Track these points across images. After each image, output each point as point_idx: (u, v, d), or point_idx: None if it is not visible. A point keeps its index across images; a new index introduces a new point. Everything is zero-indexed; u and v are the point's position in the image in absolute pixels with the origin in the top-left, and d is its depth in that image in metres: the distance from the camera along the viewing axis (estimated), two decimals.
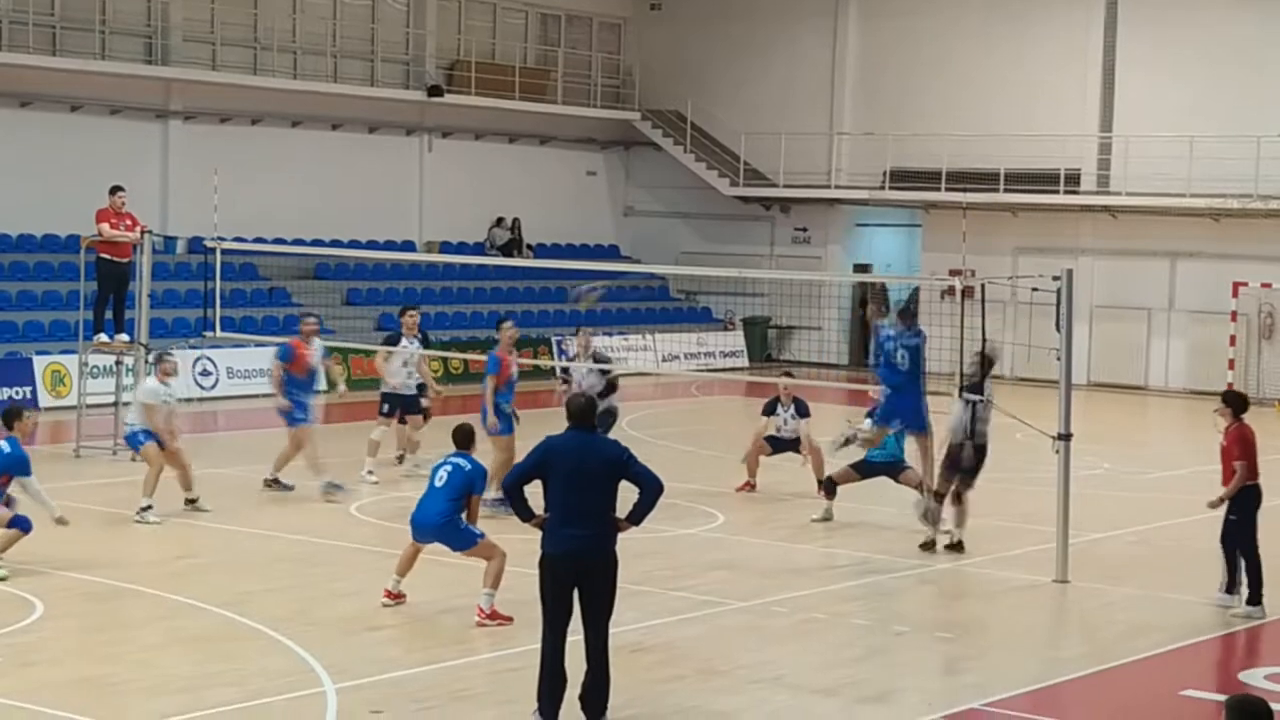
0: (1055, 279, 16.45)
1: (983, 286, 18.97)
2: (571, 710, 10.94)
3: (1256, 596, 14.94)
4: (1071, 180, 36.82)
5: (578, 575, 10.91)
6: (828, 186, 40.14)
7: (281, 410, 19.81)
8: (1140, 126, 35.83)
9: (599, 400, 19.57)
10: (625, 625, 12.67)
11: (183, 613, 13.98)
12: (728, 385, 34.02)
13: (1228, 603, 15.12)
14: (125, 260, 23.36)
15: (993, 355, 17.68)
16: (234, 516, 18.36)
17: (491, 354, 19.28)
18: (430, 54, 38.48)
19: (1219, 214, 34.97)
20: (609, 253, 41.96)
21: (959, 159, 37.16)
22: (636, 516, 11.10)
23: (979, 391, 17.22)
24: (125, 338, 23.01)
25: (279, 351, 20.28)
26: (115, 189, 23.56)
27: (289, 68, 36.00)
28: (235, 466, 20.94)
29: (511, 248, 38.97)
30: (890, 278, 42.06)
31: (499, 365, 18.95)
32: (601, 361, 20.41)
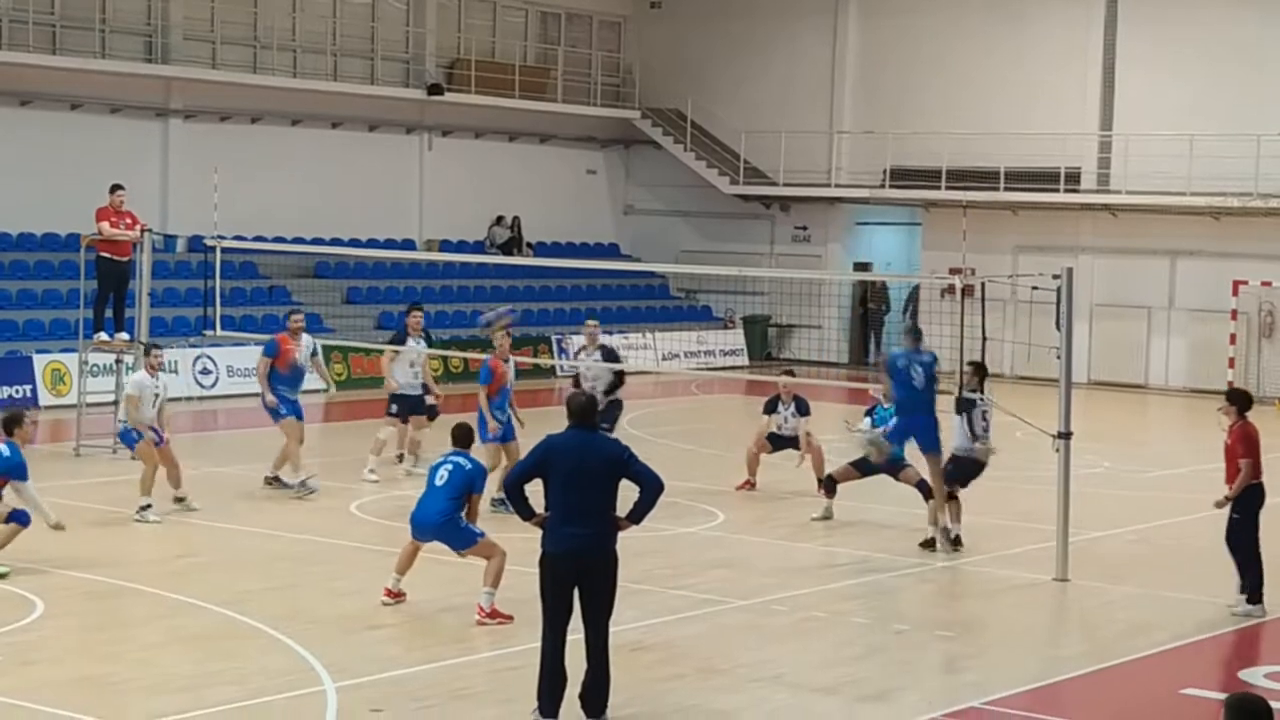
0: (1055, 277, 16.44)
1: (983, 285, 19.01)
2: (572, 709, 10.94)
3: (1257, 595, 14.93)
4: (1072, 179, 36.80)
5: (578, 574, 10.91)
6: (828, 185, 40.10)
7: (268, 406, 19.86)
8: (1140, 125, 35.81)
9: (609, 395, 19.58)
10: (625, 624, 12.67)
11: (183, 611, 13.98)
12: (728, 384, 34.01)
13: (1249, 610, 14.96)
14: (125, 259, 23.36)
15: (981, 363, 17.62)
16: (234, 515, 18.35)
17: (484, 363, 19.25)
18: (430, 52, 38.46)
19: (1219, 212, 34.95)
20: (609, 251, 41.93)
21: (959, 157, 37.15)
22: (637, 515, 11.10)
23: (974, 402, 17.18)
24: (125, 336, 23.00)
25: (264, 347, 20.33)
26: (115, 187, 23.56)
27: (289, 66, 35.98)
28: (235, 465, 20.93)
29: (511, 246, 38.95)
30: (891, 276, 42.14)
31: (491, 375, 18.92)
32: (610, 356, 20.31)
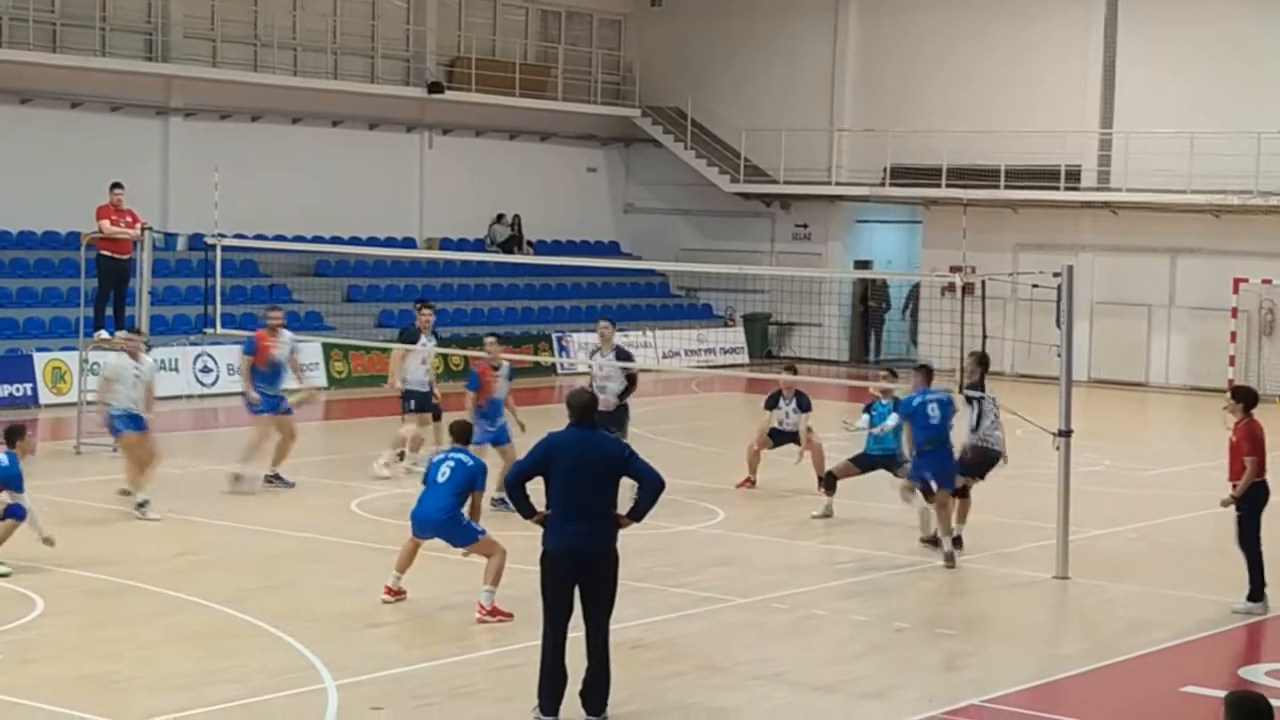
0: (1056, 275, 16.44)
1: (983, 283, 18.99)
2: (572, 706, 10.94)
3: (1258, 593, 14.92)
4: (1072, 177, 36.80)
5: (579, 572, 10.91)
6: (828, 183, 40.09)
7: (250, 403, 19.90)
8: (1141, 123, 35.80)
9: (622, 399, 19.51)
10: (626, 622, 12.67)
11: (183, 609, 13.98)
12: (728, 382, 34.00)
13: (1250, 608, 14.92)
14: (126, 257, 23.37)
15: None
16: (234, 513, 18.36)
17: (472, 371, 19.23)
18: (430, 51, 38.46)
19: (1219, 210, 34.94)
20: (609, 249, 41.92)
21: (959, 155, 37.15)
22: (637, 513, 11.11)
23: (982, 390, 17.21)
24: (126, 335, 23.00)
25: (244, 345, 20.37)
26: (114, 185, 23.56)
27: (289, 64, 35.98)
28: (235, 463, 20.89)
29: (512, 244, 38.95)
30: (891, 274, 42.15)
31: (478, 382, 18.92)
32: (624, 357, 20.24)
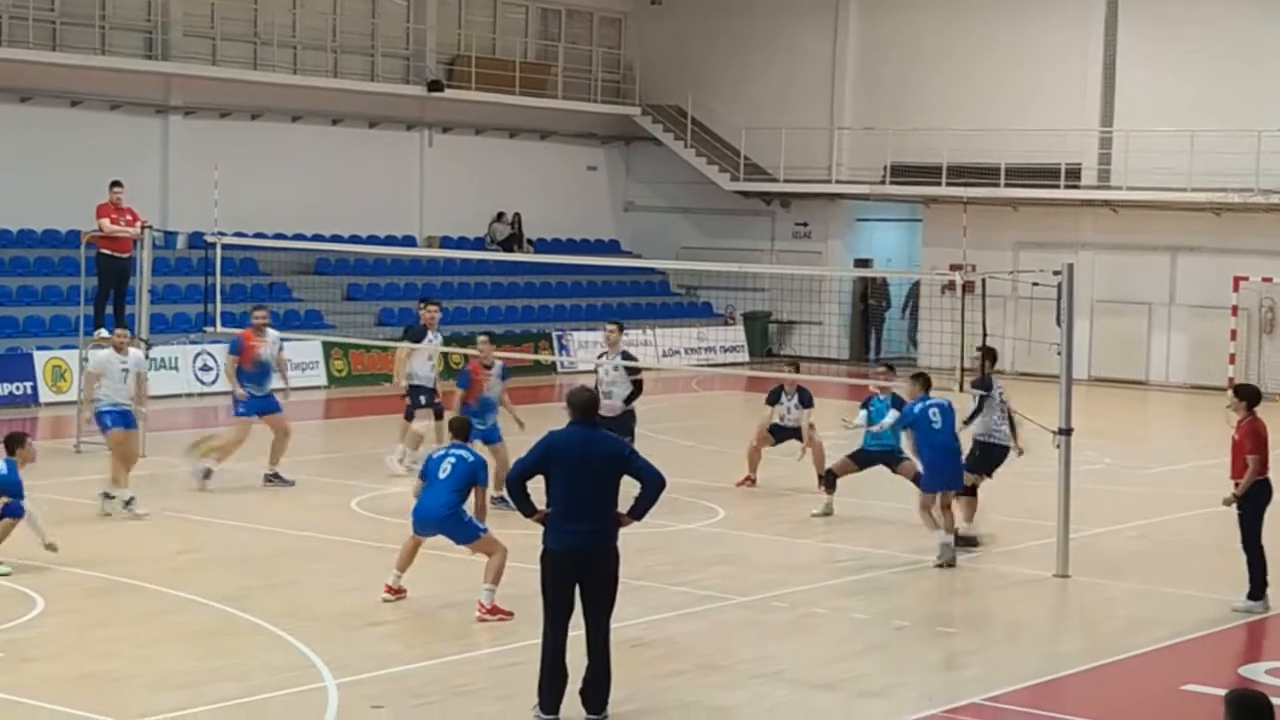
0: (1056, 274, 16.43)
1: (983, 281, 18.98)
2: (572, 705, 10.94)
3: (1259, 591, 14.91)
4: (1072, 175, 36.79)
5: (579, 570, 10.90)
6: (828, 181, 40.07)
7: (236, 399, 19.94)
8: (1141, 121, 35.79)
9: (627, 404, 19.48)
10: (626, 620, 12.65)
11: (183, 608, 13.97)
12: (728, 380, 33.99)
13: (1250, 606, 14.88)
14: (126, 255, 23.36)
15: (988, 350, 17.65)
16: (234, 512, 18.35)
17: (463, 369, 19.22)
18: (430, 49, 38.45)
19: (1220, 208, 34.93)
20: (609, 248, 41.91)
21: (960, 154, 37.14)
22: (638, 511, 11.10)
23: (986, 388, 17.22)
24: (125, 333, 22.97)
25: (230, 345, 20.41)
26: (114, 184, 23.54)
27: (289, 63, 35.97)
28: (235, 461, 20.88)
29: (512, 243, 38.94)
30: (891, 272, 42.15)
31: (469, 381, 18.92)
32: (630, 361, 20.17)
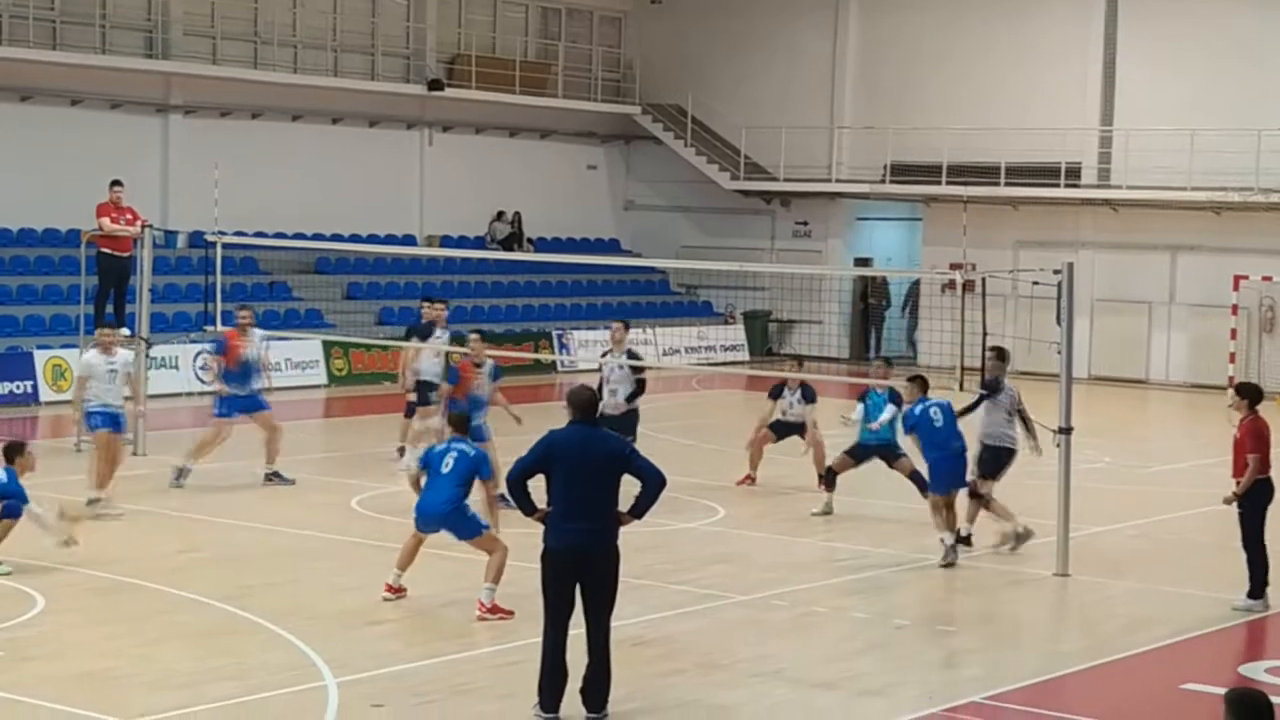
0: (1056, 273, 16.43)
1: (983, 280, 18.98)
2: (572, 704, 10.94)
3: (1259, 590, 14.91)
4: (1072, 174, 36.80)
5: (580, 569, 10.90)
6: (828, 180, 40.07)
7: (219, 395, 19.99)
8: (1141, 120, 35.79)
9: (630, 402, 19.49)
10: (626, 619, 12.66)
11: (184, 607, 13.98)
12: (728, 379, 33.98)
13: (1250, 605, 14.88)
14: (126, 254, 23.37)
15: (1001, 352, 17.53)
16: (235, 510, 18.36)
17: (452, 365, 19.21)
18: (431, 48, 38.45)
19: (1220, 207, 34.94)
20: (609, 247, 41.91)
21: (959, 153, 37.14)
22: (639, 510, 11.10)
23: (998, 389, 17.14)
24: (126, 332, 23.00)
25: (214, 345, 20.46)
26: (114, 183, 23.54)
27: (289, 62, 35.97)
28: (235, 460, 20.91)
29: (512, 242, 38.95)
30: (891, 271, 42.14)
31: (457, 376, 18.90)
32: (634, 359, 20.16)
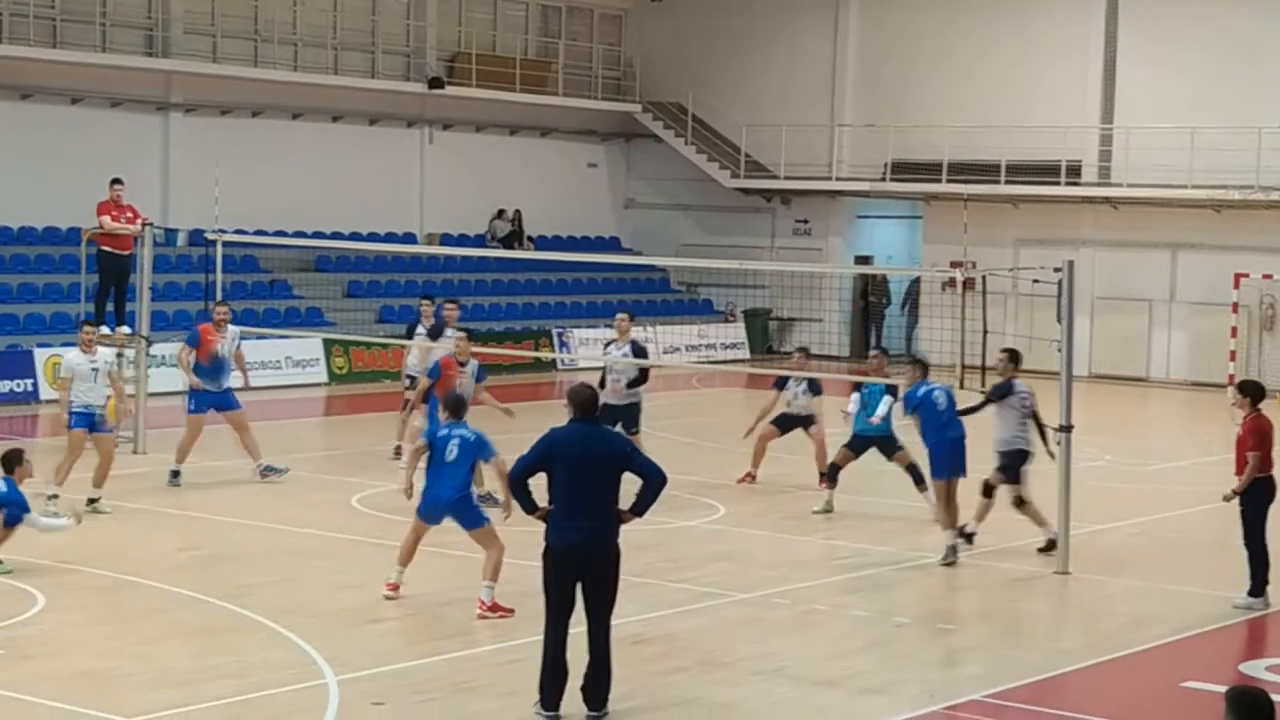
0: (1056, 271, 16.43)
1: (984, 278, 19.01)
2: (573, 702, 10.94)
3: (1259, 588, 14.91)
4: (1072, 172, 36.81)
5: (580, 567, 10.90)
6: (829, 178, 40.08)
7: (191, 388, 20.09)
8: (1141, 118, 35.80)
9: (631, 388, 19.51)
10: (627, 617, 12.65)
11: (184, 605, 13.98)
12: (729, 377, 33.98)
13: (1250, 603, 14.85)
14: (126, 253, 23.36)
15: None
16: (235, 509, 18.37)
17: (435, 361, 19.20)
18: (431, 46, 38.44)
19: (1220, 205, 34.94)
20: (610, 245, 41.92)
21: (960, 151, 37.14)
22: (639, 508, 11.10)
23: (1009, 391, 16.93)
24: (126, 330, 23.02)
25: (187, 336, 20.60)
26: (114, 181, 23.53)
27: (289, 60, 35.97)
28: (235, 459, 20.91)
29: (512, 240, 38.94)
30: (892, 270, 42.13)
31: (439, 371, 18.85)
32: (640, 352, 20.17)
